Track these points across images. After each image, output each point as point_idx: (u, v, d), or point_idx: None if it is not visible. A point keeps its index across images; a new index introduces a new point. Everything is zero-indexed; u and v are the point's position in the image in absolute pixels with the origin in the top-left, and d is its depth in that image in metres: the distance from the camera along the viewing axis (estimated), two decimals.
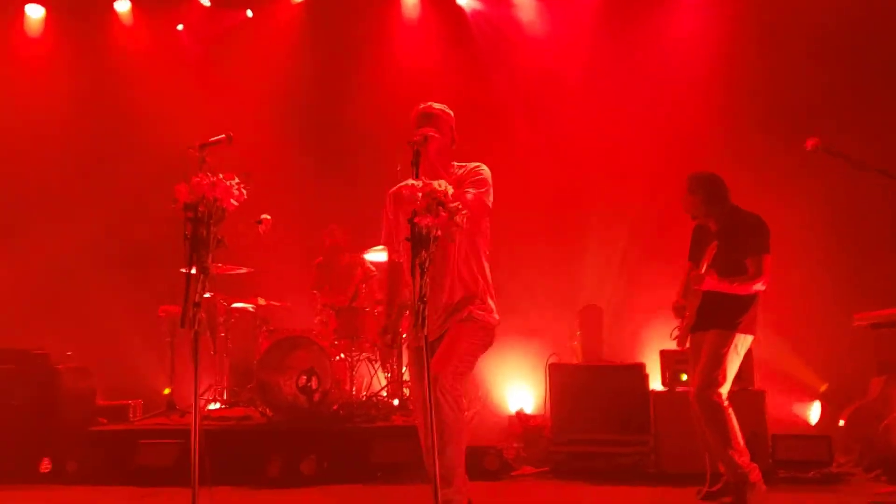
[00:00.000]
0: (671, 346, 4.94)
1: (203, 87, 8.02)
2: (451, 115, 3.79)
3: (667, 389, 5.65)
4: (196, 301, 3.00)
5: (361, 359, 6.46)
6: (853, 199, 6.27)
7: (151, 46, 8.44)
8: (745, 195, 4.68)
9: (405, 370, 6.40)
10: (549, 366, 5.99)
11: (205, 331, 6.59)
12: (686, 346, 4.69)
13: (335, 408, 5.96)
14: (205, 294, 3.07)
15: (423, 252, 3.01)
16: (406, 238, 3.04)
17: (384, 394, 6.44)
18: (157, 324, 6.77)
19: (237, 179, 3.09)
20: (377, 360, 6.61)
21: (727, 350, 4.38)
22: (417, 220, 2.98)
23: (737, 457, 4.31)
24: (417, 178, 3.12)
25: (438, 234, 3.04)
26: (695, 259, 4.63)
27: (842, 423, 6.14)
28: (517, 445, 6.21)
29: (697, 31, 7.47)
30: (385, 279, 4.07)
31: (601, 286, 7.07)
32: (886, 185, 3.62)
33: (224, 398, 6.75)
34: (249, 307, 6.79)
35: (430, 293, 3.49)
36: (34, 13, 8.44)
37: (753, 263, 4.38)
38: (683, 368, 5.44)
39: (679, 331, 4.68)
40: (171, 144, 4.31)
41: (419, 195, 2.95)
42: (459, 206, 3.10)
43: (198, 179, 3.08)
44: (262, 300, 6.76)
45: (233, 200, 3.08)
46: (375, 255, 6.66)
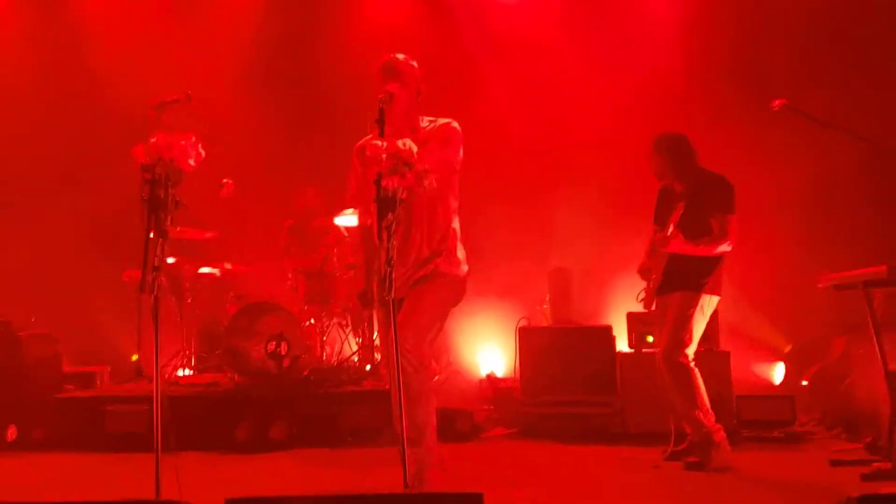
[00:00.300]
0: (638, 309, 4.99)
1: (168, 46, 7.79)
2: (416, 67, 3.68)
3: (633, 351, 5.71)
4: (156, 265, 2.94)
5: (332, 324, 6.44)
6: (820, 161, 6.30)
7: (112, 3, 8.18)
8: (714, 156, 4.69)
9: (376, 335, 6.38)
10: (519, 329, 6.04)
11: (168, 296, 6.53)
12: (652, 308, 4.73)
13: (305, 373, 5.94)
14: (167, 258, 3.01)
15: (390, 214, 2.97)
16: (373, 200, 2.99)
17: (355, 359, 6.44)
18: (124, 289, 6.67)
19: (195, 138, 3.02)
20: (348, 325, 6.59)
21: (693, 311, 4.41)
22: (383, 183, 2.94)
23: (702, 417, 4.37)
24: (382, 137, 3.07)
25: (405, 197, 3.00)
26: (661, 221, 4.63)
27: (805, 383, 6.28)
28: (488, 408, 6.27)
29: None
30: (358, 243, 4.01)
31: (570, 249, 7.09)
32: (853, 146, 3.64)
33: (192, 364, 6.70)
34: (216, 272, 6.71)
35: (399, 252, 3.48)
36: None
37: (718, 224, 4.40)
38: (650, 330, 5.50)
39: (645, 293, 4.71)
40: (135, 106, 4.19)
41: (383, 156, 2.90)
42: (427, 168, 3.06)
43: (154, 140, 3.01)
44: (229, 265, 6.68)
45: (190, 161, 3.00)
46: (346, 220, 6.59)
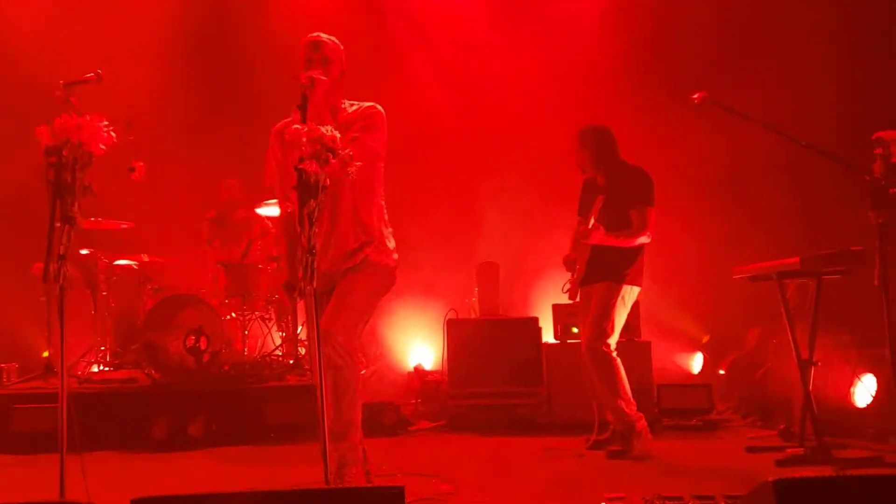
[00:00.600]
0: (564, 300, 5.05)
1: (80, 24, 7.41)
2: (341, 47, 3.59)
3: (559, 342, 5.78)
4: (61, 253, 2.77)
5: (254, 317, 6.29)
6: (737, 154, 6.49)
7: None
8: (635, 148, 4.76)
9: (301, 328, 6.27)
10: (447, 321, 6.03)
11: (82, 289, 6.26)
12: (577, 299, 4.78)
13: (226, 368, 5.78)
14: (80, 250, 2.85)
15: (312, 201, 2.88)
16: (293, 186, 2.89)
17: (279, 353, 6.30)
18: (33, 282, 6.34)
19: (106, 122, 2.86)
20: (271, 319, 6.45)
21: (615, 302, 4.48)
22: (304, 167, 2.84)
23: (624, 406, 4.44)
24: (304, 123, 2.97)
25: (328, 184, 2.91)
26: (585, 213, 4.69)
27: (722, 373, 6.47)
28: (415, 401, 6.25)
29: None
30: (280, 234, 3.89)
31: (498, 241, 7.12)
32: (770, 140, 3.73)
33: (107, 360, 6.43)
34: (133, 264, 6.45)
35: (324, 241, 3.39)
36: None
37: (638, 216, 4.48)
38: (574, 321, 5.57)
39: (570, 284, 4.75)
40: (42, 84, 3.97)
41: (304, 140, 2.80)
42: (350, 154, 2.97)
43: (61, 121, 2.83)
44: (147, 256, 6.43)
45: (101, 145, 2.84)
46: (269, 210, 6.44)
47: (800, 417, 4.40)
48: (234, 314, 6.13)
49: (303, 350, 6.20)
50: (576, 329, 5.61)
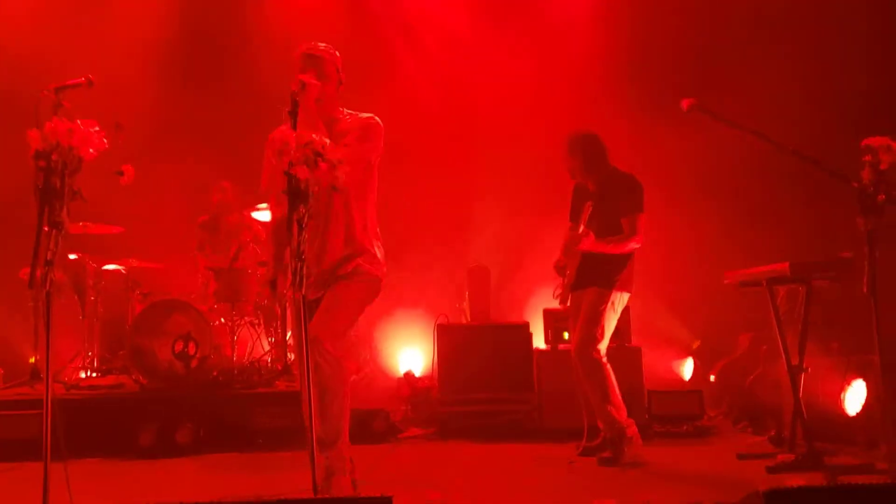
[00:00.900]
0: (555, 305, 5.04)
1: (71, 29, 7.35)
2: (337, 56, 3.60)
3: (550, 348, 5.76)
4: (48, 258, 2.75)
5: (243, 323, 6.24)
6: (727, 160, 6.51)
7: None
8: (624, 152, 4.76)
9: (289, 334, 6.23)
10: (437, 326, 6.00)
11: (70, 294, 6.22)
12: (567, 305, 4.77)
13: (214, 374, 5.74)
14: (69, 254, 2.83)
15: (301, 206, 2.86)
16: (282, 191, 2.88)
17: (267, 359, 6.26)
18: (20, 287, 6.29)
19: (97, 127, 2.83)
20: (260, 325, 6.41)
21: (605, 307, 4.48)
22: (294, 172, 2.83)
23: (615, 412, 4.43)
24: (294, 129, 2.96)
25: (317, 189, 2.90)
26: (576, 218, 4.69)
27: (712, 378, 6.47)
28: (405, 408, 6.21)
29: None
30: (269, 238, 3.87)
31: (489, 247, 7.10)
32: (759, 147, 3.74)
33: (95, 366, 6.38)
34: (122, 269, 6.40)
35: (313, 248, 3.37)
36: None
37: (628, 223, 4.48)
38: (565, 327, 5.56)
39: (560, 289, 4.75)
40: (29, 88, 3.94)
41: (293, 145, 2.79)
42: (340, 160, 2.96)
43: (52, 125, 2.81)
44: (135, 261, 6.39)
45: (91, 149, 2.82)
46: (261, 214, 6.41)
47: (790, 423, 4.39)
48: (223, 319, 6.09)
49: (292, 356, 6.17)
50: (567, 335, 5.59)
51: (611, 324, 4.54)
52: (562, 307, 4.87)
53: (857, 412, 4.56)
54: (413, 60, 7.64)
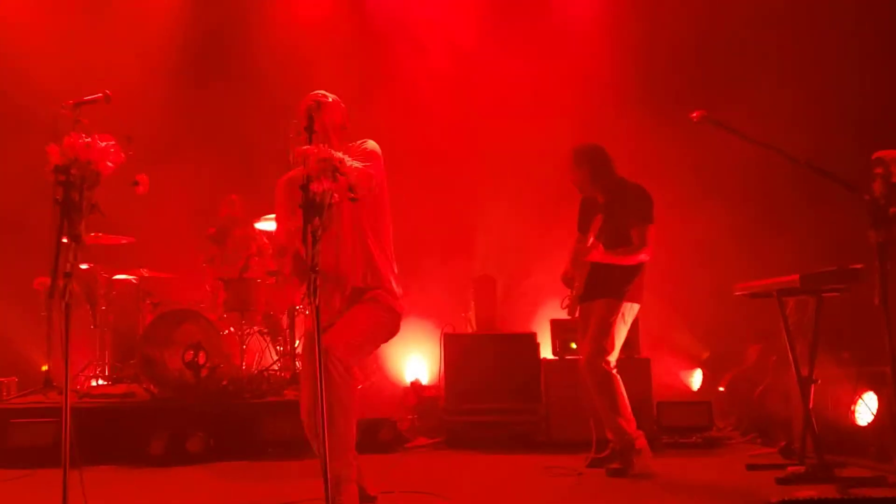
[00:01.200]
0: (562, 316, 5.03)
1: (83, 40, 7.44)
2: (342, 105, 3.68)
3: (557, 358, 5.77)
4: (67, 271, 2.78)
5: (252, 332, 6.27)
6: (736, 172, 6.52)
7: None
8: (630, 162, 4.77)
9: (298, 343, 6.26)
10: (444, 336, 6.02)
11: (82, 303, 6.26)
12: (576, 316, 4.77)
13: (224, 383, 5.76)
14: (80, 264, 2.86)
15: (317, 219, 2.90)
16: (299, 205, 2.91)
17: (276, 368, 6.29)
18: (33, 296, 6.34)
19: (114, 142, 2.88)
20: (269, 334, 6.43)
21: (615, 319, 4.48)
22: (311, 186, 2.87)
23: (624, 423, 4.42)
24: (310, 144, 3.00)
25: (334, 201, 2.93)
26: (583, 230, 4.71)
27: (721, 390, 6.47)
28: (412, 417, 6.23)
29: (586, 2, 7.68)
30: (278, 249, 3.89)
31: (496, 256, 7.11)
32: (769, 158, 3.75)
33: (106, 374, 6.42)
34: (132, 279, 6.46)
35: (329, 269, 3.40)
36: None
37: (638, 234, 4.48)
38: (573, 337, 5.55)
39: (569, 300, 4.75)
40: (45, 103, 3.99)
41: (312, 159, 2.83)
42: (358, 177, 3.01)
43: (70, 140, 2.86)
44: (146, 271, 6.43)
45: (109, 163, 2.86)
46: (267, 224, 6.45)
47: (801, 434, 4.38)
48: (233, 329, 6.13)
49: (300, 365, 6.18)
50: (574, 345, 5.59)
51: (621, 335, 4.54)
52: (570, 318, 4.87)
53: (869, 424, 4.55)
54: (418, 69, 7.66)
